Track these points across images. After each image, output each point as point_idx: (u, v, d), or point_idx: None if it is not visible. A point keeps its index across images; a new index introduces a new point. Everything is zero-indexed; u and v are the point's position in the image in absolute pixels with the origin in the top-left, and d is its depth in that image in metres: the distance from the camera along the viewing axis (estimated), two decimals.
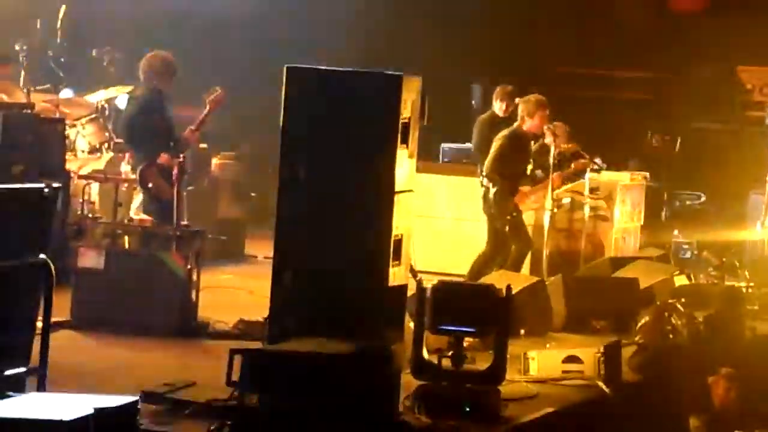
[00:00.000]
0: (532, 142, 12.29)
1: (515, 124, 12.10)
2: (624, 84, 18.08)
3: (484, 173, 12.01)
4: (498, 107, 12.82)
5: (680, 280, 12.04)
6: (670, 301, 10.58)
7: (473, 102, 16.74)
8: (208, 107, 11.38)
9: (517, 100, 12.42)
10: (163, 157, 11.12)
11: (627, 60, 17.75)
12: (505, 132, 12.08)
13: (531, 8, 17.40)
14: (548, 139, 12.25)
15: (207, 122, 11.55)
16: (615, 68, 17.93)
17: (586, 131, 13.46)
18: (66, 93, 13.77)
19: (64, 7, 14.30)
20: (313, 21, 16.38)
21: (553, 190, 12.14)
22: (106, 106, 13.43)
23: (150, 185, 11.13)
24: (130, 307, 9.79)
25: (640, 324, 10.21)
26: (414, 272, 9.02)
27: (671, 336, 9.87)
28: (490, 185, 11.88)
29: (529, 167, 12.17)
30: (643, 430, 9.00)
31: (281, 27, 16.20)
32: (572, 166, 12.54)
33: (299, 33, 15.98)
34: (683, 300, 10.46)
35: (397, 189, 8.23)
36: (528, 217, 12.37)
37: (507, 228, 11.84)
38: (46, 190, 7.08)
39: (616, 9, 17.54)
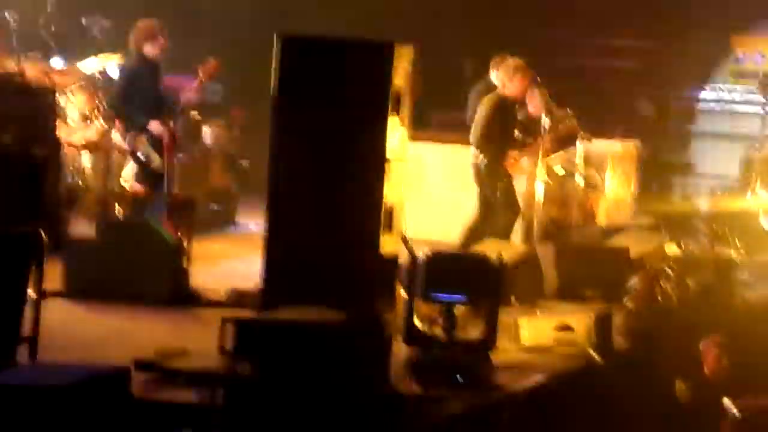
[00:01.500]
0: (517, 107, 12.25)
1: (497, 90, 12.05)
2: (614, 52, 18.04)
3: (471, 141, 12.00)
4: (495, 77, 12.80)
5: (671, 249, 12.06)
6: (660, 266, 10.60)
7: (464, 71, 16.71)
8: (200, 77, 11.33)
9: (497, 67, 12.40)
10: (153, 125, 11.07)
11: (618, 27, 17.71)
12: (487, 98, 12.04)
13: None
14: (531, 108, 12.23)
15: (200, 92, 11.49)
16: (605, 36, 17.88)
17: (576, 100, 13.43)
18: (56, 61, 13.72)
19: None
20: None
21: (545, 155, 12.12)
22: (97, 74, 13.38)
23: (139, 154, 11.10)
24: (122, 276, 9.78)
25: (629, 288, 10.23)
26: (406, 241, 9.02)
27: (660, 299, 9.89)
28: (479, 153, 11.87)
29: (516, 132, 12.13)
30: (634, 397, 9.03)
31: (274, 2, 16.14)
32: (560, 127, 12.51)
33: (291, 1, 15.92)
34: (673, 264, 10.48)
35: (388, 158, 8.23)
36: (520, 185, 12.35)
37: (498, 194, 11.83)
38: (37, 159, 7.07)
39: None
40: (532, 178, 12.36)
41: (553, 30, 17.09)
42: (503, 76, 11.97)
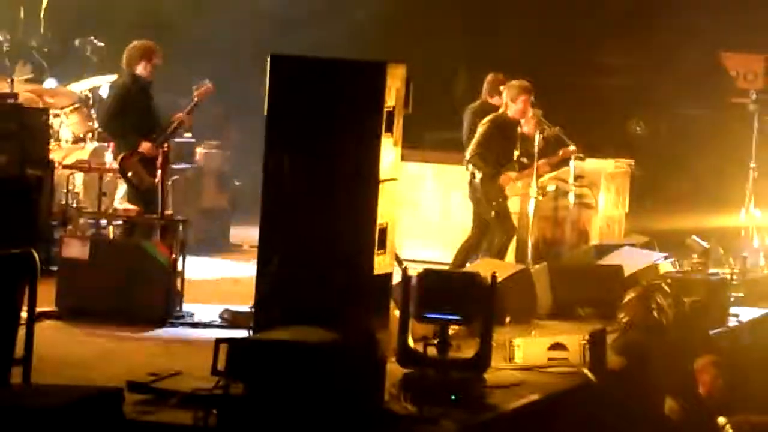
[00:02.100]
0: (518, 129, 12.28)
1: (500, 110, 12.12)
2: (607, 70, 18.06)
3: (468, 158, 12.01)
4: (486, 92, 12.83)
5: (665, 267, 12.06)
6: (656, 281, 10.60)
7: (455, 90, 16.73)
8: (195, 98, 11.34)
9: (501, 87, 12.42)
10: (145, 146, 11.07)
11: (610, 45, 17.74)
12: (489, 117, 12.09)
13: None
14: (526, 129, 12.26)
15: (192, 113, 11.50)
16: (598, 54, 17.91)
17: (568, 118, 13.45)
18: (49, 83, 13.74)
19: None
20: (298, 9, 16.34)
21: (539, 177, 12.15)
22: (90, 95, 13.39)
23: (129, 174, 11.09)
24: (115, 297, 9.78)
25: (624, 302, 10.24)
26: (399, 260, 9.02)
27: (656, 314, 9.88)
28: (475, 171, 11.88)
29: (515, 153, 12.16)
30: (627, 415, 9.02)
31: (265, 15, 16.16)
32: (559, 153, 12.54)
33: (283, 21, 15.95)
34: (666, 282, 10.48)
35: (381, 177, 8.22)
36: (513, 205, 12.37)
37: (492, 214, 11.84)
38: (30, 179, 7.07)
39: None
40: (525, 198, 12.37)
41: (545, 48, 17.12)
42: (507, 97, 12.01)
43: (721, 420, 9.19)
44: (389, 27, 16.53)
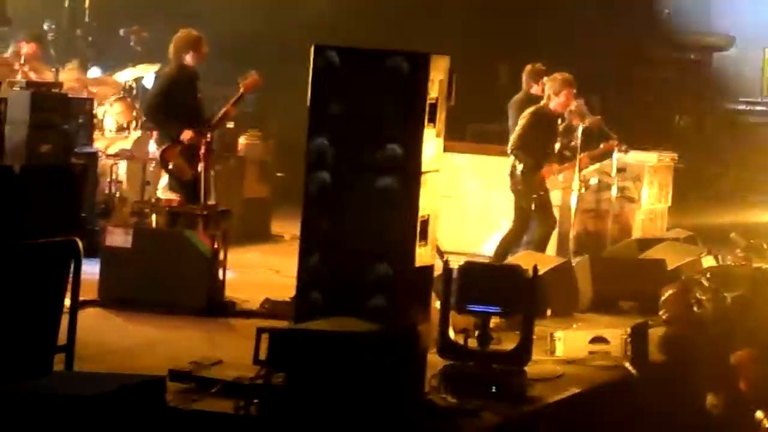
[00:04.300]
0: (559, 121, 12.25)
1: (541, 102, 12.08)
2: (653, 63, 17.99)
3: (509, 150, 11.98)
4: (526, 83, 12.79)
5: (708, 262, 12.00)
6: (695, 276, 10.55)
7: (499, 82, 16.70)
8: (241, 90, 11.27)
9: (544, 78, 12.37)
10: (186, 135, 11.07)
11: (656, 38, 17.67)
12: (531, 109, 12.05)
13: None
14: (568, 121, 12.22)
15: (239, 105, 11.45)
16: (642, 46, 17.83)
17: (612, 110, 13.41)
18: (94, 72, 13.81)
19: None
20: (343, 1, 16.34)
21: (581, 170, 12.11)
22: (134, 84, 13.45)
23: (170, 165, 11.12)
24: (158, 286, 9.82)
25: (663, 298, 10.19)
26: (440, 253, 9.01)
27: (696, 309, 9.83)
28: (516, 163, 11.85)
29: (557, 146, 12.13)
30: (667, 409, 8.99)
31: (310, 4, 16.18)
32: (601, 146, 12.50)
33: (327, 11, 15.96)
34: (709, 276, 10.43)
35: (423, 169, 8.22)
36: (555, 197, 12.33)
37: (533, 206, 11.81)
38: (74, 168, 7.11)
39: None
40: (567, 190, 12.33)
41: (588, 40, 17.06)
42: (549, 90, 11.97)
43: (759, 414, 9.13)
44: (431, 18, 16.51)
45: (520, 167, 11.81)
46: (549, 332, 9.15)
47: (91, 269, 9.51)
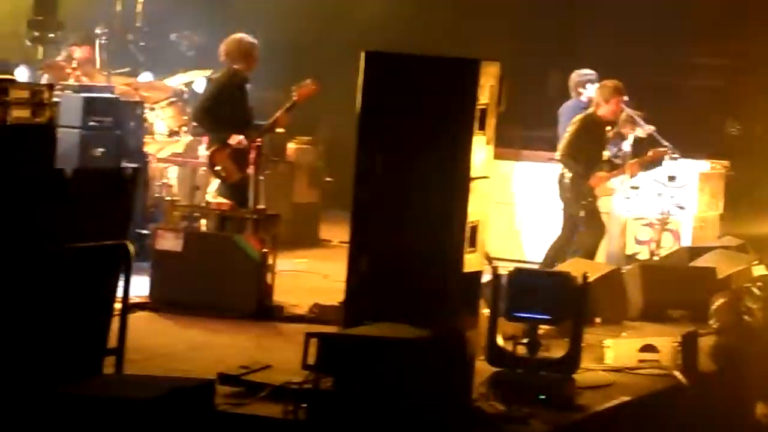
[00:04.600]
0: (608, 128, 12.19)
1: (590, 109, 12.03)
2: (701, 70, 17.87)
3: (558, 157, 11.94)
4: (577, 93, 12.74)
5: (759, 270, 11.90)
6: (745, 285, 10.48)
7: (549, 89, 16.65)
8: (295, 98, 11.23)
9: (587, 85, 12.35)
10: (235, 139, 11.10)
11: (704, 46, 17.55)
12: (579, 117, 12.01)
13: None
14: (624, 129, 12.17)
15: (291, 112, 11.40)
16: (692, 54, 17.72)
17: (662, 118, 13.32)
18: (145, 77, 13.89)
19: None
20: (393, 6, 16.35)
21: (630, 177, 12.05)
22: (185, 89, 13.51)
23: (218, 168, 11.15)
24: (207, 290, 9.86)
25: (714, 307, 10.12)
26: (489, 259, 8.99)
27: (746, 318, 9.77)
28: (565, 170, 11.81)
29: (606, 153, 12.07)
30: (718, 419, 8.93)
31: (361, 9, 16.20)
32: (650, 153, 12.43)
33: (379, 17, 15.97)
34: (760, 285, 10.35)
35: (473, 175, 8.21)
36: (605, 205, 12.27)
37: (582, 213, 11.75)
38: (126, 172, 7.15)
39: None
40: (617, 197, 12.27)
41: (637, 47, 16.98)
42: (599, 97, 11.92)
43: None
44: (484, 25, 16.48)
45: (568, 175, 11.77)
46: (598, 340, 9.11)
47: (141, 273, 9.58)
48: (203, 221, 10.38)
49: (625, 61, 15.71)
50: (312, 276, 11.79)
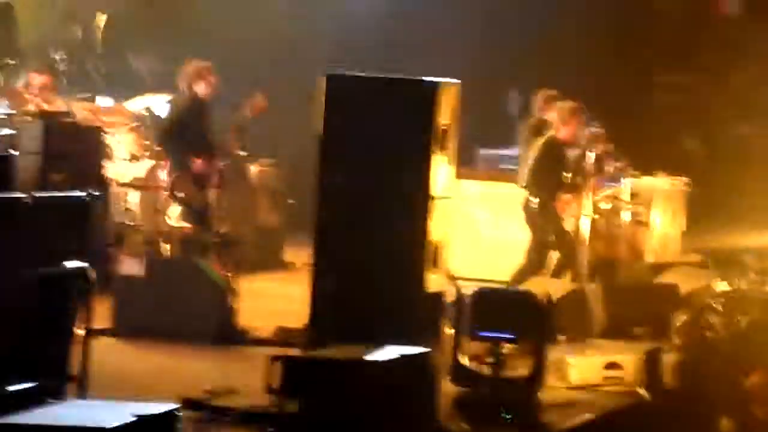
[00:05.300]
0: (569, 150, 12.21)
1: (550, 133, 12.00)
2: (661, 88, 17.99)
3: (523, 185, 11.91)
4: (541, 112, 12.77)
5: (721, 287, 11.96)
6: (708, 301, 10.53)
7: (509, 108, 16.71)
8: (247, 114, 11.35)
9: (557, 104, 12.36)
10: (197, 164, 11.11)
11: (664, 63, 17.67)
12: (541, 141, 11.99)
13: (565, 12, 17.35)
14: (578, 149, 12.20)
15: (245, 129, 11.53)
16: (652, 72, 17.84)
17: (622, 136, 13.39)
18: (105, 101, 13.85)
19: (103, 16, 14.38)
20: (351, 27, 16.38)
21: (593, 195, 12.08)
22: (146, 113, 13.48)
23: (179, 194, 11.14)
24: (170, 314, 9.82)
25: (677, 324, 10.16)
26: (452, 278, 9.00)
27: (709, 334, 9.81)
28: (530, 196, 11.80)
29: (568, 175, 12.08)
30: None
31: (319, 32, 16.22)
32: (611, 169, 12.47)
33: (337, 36, 15.99)
34: (722, 301, 10.41)
35: (434, 195, 8.22)
36: (568, 223, 12.30)
37: (552, 237, 11.76)
38: (86, 198, 7.12)
39: (655, 10, 17.46)
40: (579, 216, 12.31)
41: (599, 66, 17.08)
42: (557, 120, 11.90)
43: None
44: (443, 44, 16.53)
45: (535, 201, 11.75)
46: (562, 358, 9.12)
47: (103, 298, 9.53)
48: (166, 246, 10.35)
49: (585, 78, 15.81)
50: (276, 299, 11.75)
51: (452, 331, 8.23)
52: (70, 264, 6.77)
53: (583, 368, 8.99)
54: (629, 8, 17.67)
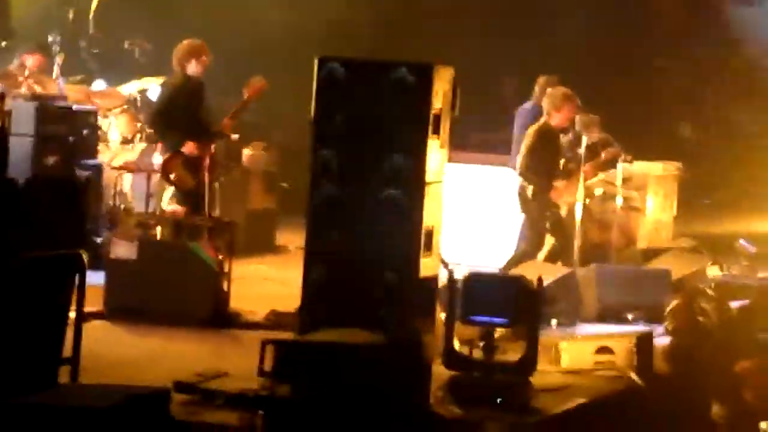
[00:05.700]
0: (562, 135, 12.21)
1: (542, 119, 11.98)
2: (655, 74, 17.99)
3: (518, 173, 11.91)
4: (536, 95, 12.77)
5: (713, 272, 11.99)
6: (700, 286, 10.55)
7: (504, 92, 16.71)
8: (246, 96, 11.28)
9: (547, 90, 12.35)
10: (189, 147, 11.07)
11: (661, 50, 17.67)
12: (533, 128, 11.98)
13: None
14: (578, 127, 12.19)
15: (245, 111, 11.48)
16: (650, 57, 17.83)
17: (618, 121, 13.40)
18: (98, 84, 13.83)
19: None
20: (347, 11, 16.35)
21: (586, 180, 12.09)
22: (138, 96, 13.47)
23: (171, 176, 11.11)
24: (162, 298, 9.82)
25: (668, 309, 10.18)
26: (445, 263, 9.01)
27: (701, 319, 9.84)
28: (525, 183, 11.79)
29: (561, 161, 12.09)
30: (673, 419, 8.98)
31: (313, 16, 16.20)
32: (603, 155, 12.48)
33: (330, 23, 15.97)
34: (714, 286, 10.43)
35: (428, 180, 8.22)
36: (561, 209, 12.30)
37: (547, 225, 11.77)
38: (79, 181, 7.12)
39: None
40: (573, 201, 12.32)
41: (595, 50, 17.07)
42: (549, 106, 11.88)
43: (764, 425, 9.12)
44: (440, 28, 16.52)
45: (530, 188, 11.74)
46: (554, 342, 9.14)
47: (96, 281, 9.53)
48: (158, 229, 10.34)
49: (581, 64, 15.81)
50: (268, 282, 11.76)
51: (444, 315, 8.24)
52: (63, 247, 6.78)
53: (574, 353, 9.01)
54: None
